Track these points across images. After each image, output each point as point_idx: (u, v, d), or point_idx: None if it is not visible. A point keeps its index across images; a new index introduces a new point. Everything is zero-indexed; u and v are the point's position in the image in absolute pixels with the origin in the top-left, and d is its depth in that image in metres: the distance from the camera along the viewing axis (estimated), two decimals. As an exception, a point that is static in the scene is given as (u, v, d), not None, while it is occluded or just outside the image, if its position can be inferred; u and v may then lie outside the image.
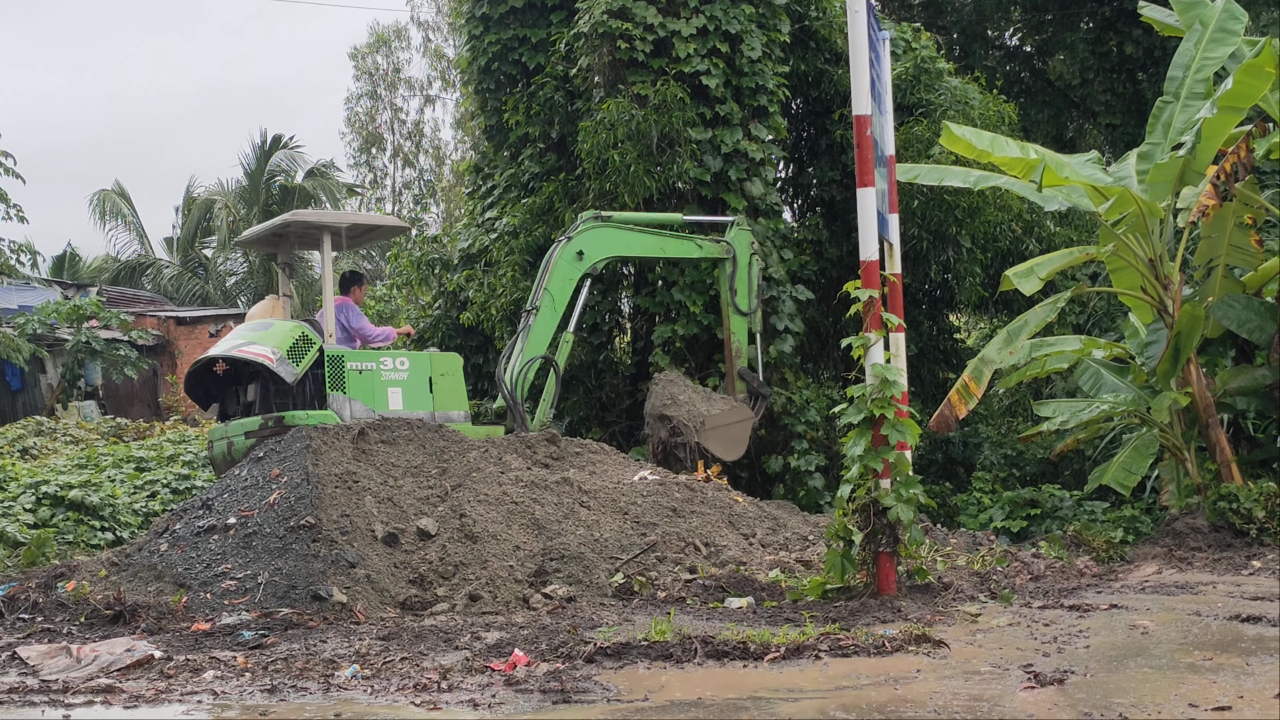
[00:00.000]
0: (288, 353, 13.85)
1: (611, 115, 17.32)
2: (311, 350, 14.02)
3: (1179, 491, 15.14)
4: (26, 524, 15.51)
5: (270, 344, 13.93)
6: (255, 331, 14.40)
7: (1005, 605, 9.95)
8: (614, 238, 16.36)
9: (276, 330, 14.30)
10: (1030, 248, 19.87)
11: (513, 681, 7.32)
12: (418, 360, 14.72)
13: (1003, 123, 20.10)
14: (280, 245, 16.14)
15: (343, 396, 14.00)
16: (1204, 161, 14.06)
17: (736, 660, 7.81)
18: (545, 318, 15.79)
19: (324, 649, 8.56)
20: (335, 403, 13.93)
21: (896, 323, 10.84)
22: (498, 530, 11.34)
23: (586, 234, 16.14)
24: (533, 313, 15.64)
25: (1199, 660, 7.46)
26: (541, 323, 15.77)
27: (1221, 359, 15.91)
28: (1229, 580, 11.28)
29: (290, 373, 13.71)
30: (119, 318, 33.65)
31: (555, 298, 15.75)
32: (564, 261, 15.90)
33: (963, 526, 16.90)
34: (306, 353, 13.96)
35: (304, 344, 13.99)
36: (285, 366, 13.71)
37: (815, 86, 20.55)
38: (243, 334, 14.49)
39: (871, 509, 9.99)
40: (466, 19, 20.91)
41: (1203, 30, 14.95)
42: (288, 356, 13.82)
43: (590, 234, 16.15)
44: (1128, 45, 27.40)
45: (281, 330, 14.26)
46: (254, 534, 11.04)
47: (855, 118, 10.59)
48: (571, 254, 15.94)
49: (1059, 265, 15.24)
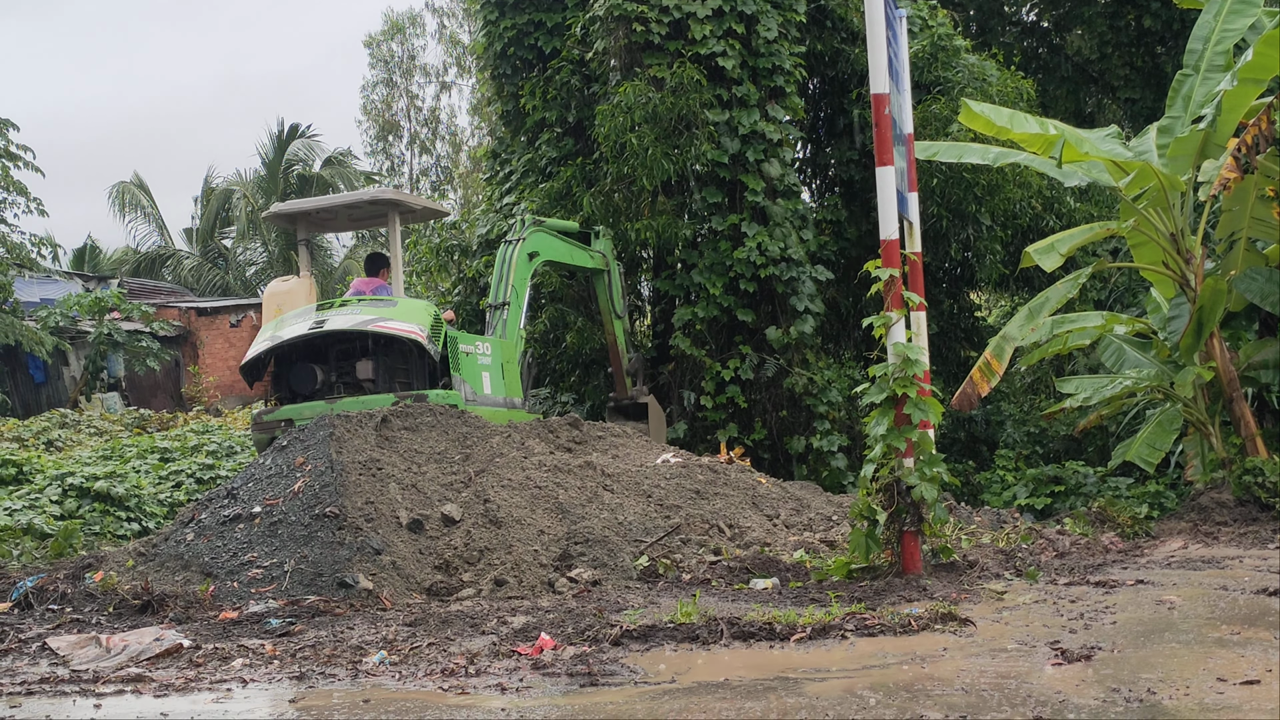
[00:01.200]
0: (431, 330, 13.80)
1: (628, 98, 17.30)
2: (443, 330, 14.06)
3: (1204, 466, 15.08)
4: (53, 516, 15.60)
5: (415, 320, 13.82)
6: (382, 307, 14.18)
7: (1031, 582, 9.93)
8: (550, 243, 16.80)
9: (411, 307, 14.24)
10: (1050, 224, 19.80)
11: (540, 665, 7.34)
12: (496, 347, 15.04)
13: (1021, 99, 20.03)
14: (299, 223, 16.11)
15: (459, 378, 14.05)
16: (1225, 134, 13.97)
17: (763, 641, 7.81)
18: (515, 313, 16.05)
19: (351, 636, 8.59)
20: (458, 383, 13.96)
21: (917, 301, 10.80)
22: (522, 515, 11.36)
23: (534, 237, 16.52)
24: (505, 308, 15.81)
25: (1226, 635, 7.44)
26: (514, 317, 16.03)
27: (1245, 333, 15.84)
28: (1255, 554, 11.23)
29: (437, 351, 13.72)
30: (140, 309, 33.82)
31: (519, 293, 16.01)
32: (520, 261, 16.22)
33: (986, 504, 16.88)
34: (440, 332, 13.98)
35: (439, 324, 14.05)
36: (433, 344, 13.69)
37: (832, 66, 20.50)
38: (364, 309, 14.20)
39: (895, 488, 9.97)
40: (481, 4, 20.92)
41: (1222, 2, 14.86)
42: (431, 334, 13.77)
43: (537, 237, 16.55)
44: (1146, 19, 27.21)
45: (417, 308, 14.24)
46: (279, 522, 11.06)
47: (873, 96, 10.55)
48: (525, 255, 16.31)
49: (1080, 241, 15.16)
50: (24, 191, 30.61)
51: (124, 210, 46.83)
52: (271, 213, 16.31)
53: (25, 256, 31.74)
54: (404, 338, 13.73)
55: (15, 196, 30.44)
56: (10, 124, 30.53)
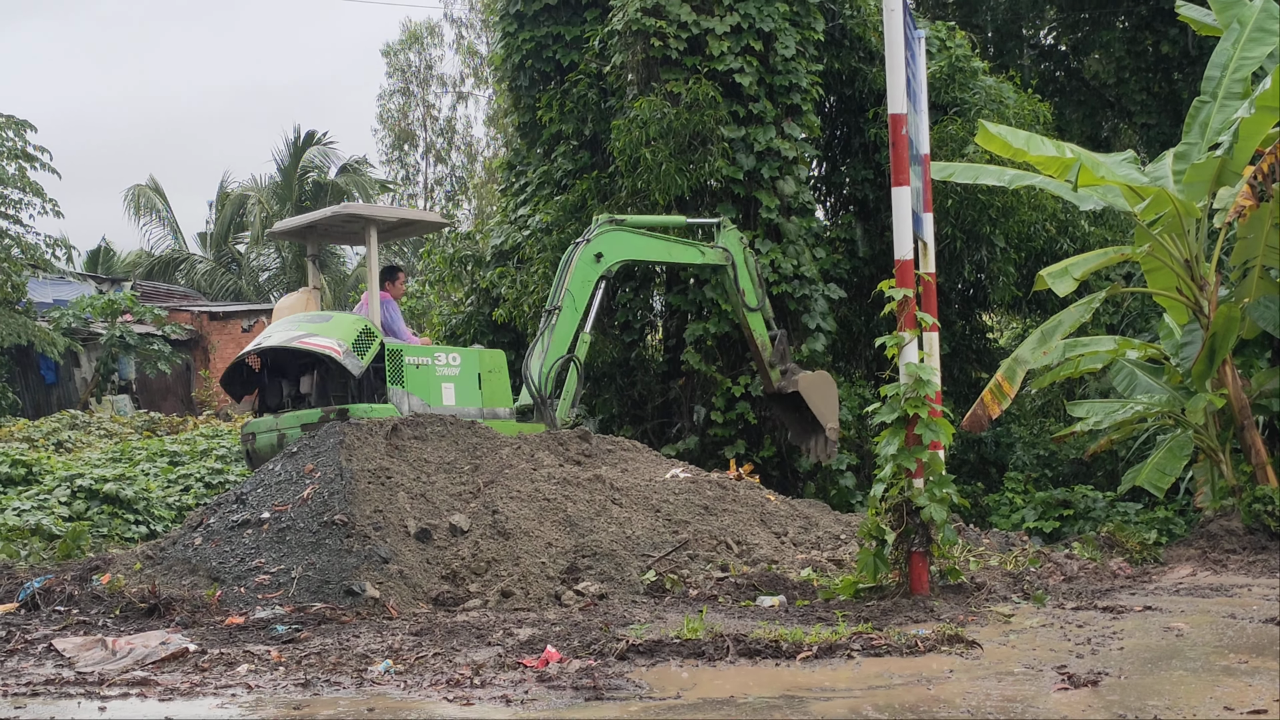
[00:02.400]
0: (353, 345, 13.77)
1: (644, 113, 17.33)
2: (374, 343, 13.95)
3: (1213, 493, 15.05)
4: (62, 517, 15.63)
5: (335, 336, 13.84)
6: (315, 323, 14.28)
7: (1038, 606, 9.91)
8: (627, 241, 16.30)
9: (339, 322, 14.23)
10: (1064, 247, 19.80)
11: (545, 678, 7.34)
12: (468, 356, 14.85)
13: (1037, 122, 20.03)
14: (311, 237, 16.11)
15: (401, 391, 14.02)
16: (1241, 161, 13.97)
17: (769, 659, 7.80)
18: (567, 317, 15.78)
19: (357, 644, 8.60)
20: (395, 397, 13.94)
21: (930, 322, 10.80)
22: (530, 527, 11.36)
23: (603, 237, 16.08)
24: (555, 313, 15.63)
25: (1234, 663, 7.42)
26: (564, 322, 15.77)
27: (1257, 360, 15.80)
28: (1264, 583, 11.20)
29: (356, 365, 13.63)
30: (152, 312, 33.88)
31: (576, 298, 15.74)
32: (583, 263, 15.84)
33: (995, 527, 16.85)
34: (370, 346, 13.89)
35: (367, 337, 13.95)
36: (351, 359, 13.64)
37: (849, 85, 20.51)
38: (300, 325, 14.34)
39: (904, 508, 9.96)
40: (500, 16, 20.97)
41: (1240, 30, 14.87)
42: (353, 349, 13.75)
43: (607, 237, 16.10)
44: (1164, 44, 27.25)
45: (345, 322, 14.20)
46: (288, 529, 11.08)
47: (890, 116, 10.56)
48: (590, 256, 15.85)
49: (1094, 265, 15.16)
50: (40, 193, 30.69)
51: (139, 213, 46.95)
52: (270, 232, 16.89)
53: (40, 257, 31.82)
54: (319, 353, 13.76)
55: (31, 198, 30.52)
56: (28, 125, 30.63)
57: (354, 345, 13.73)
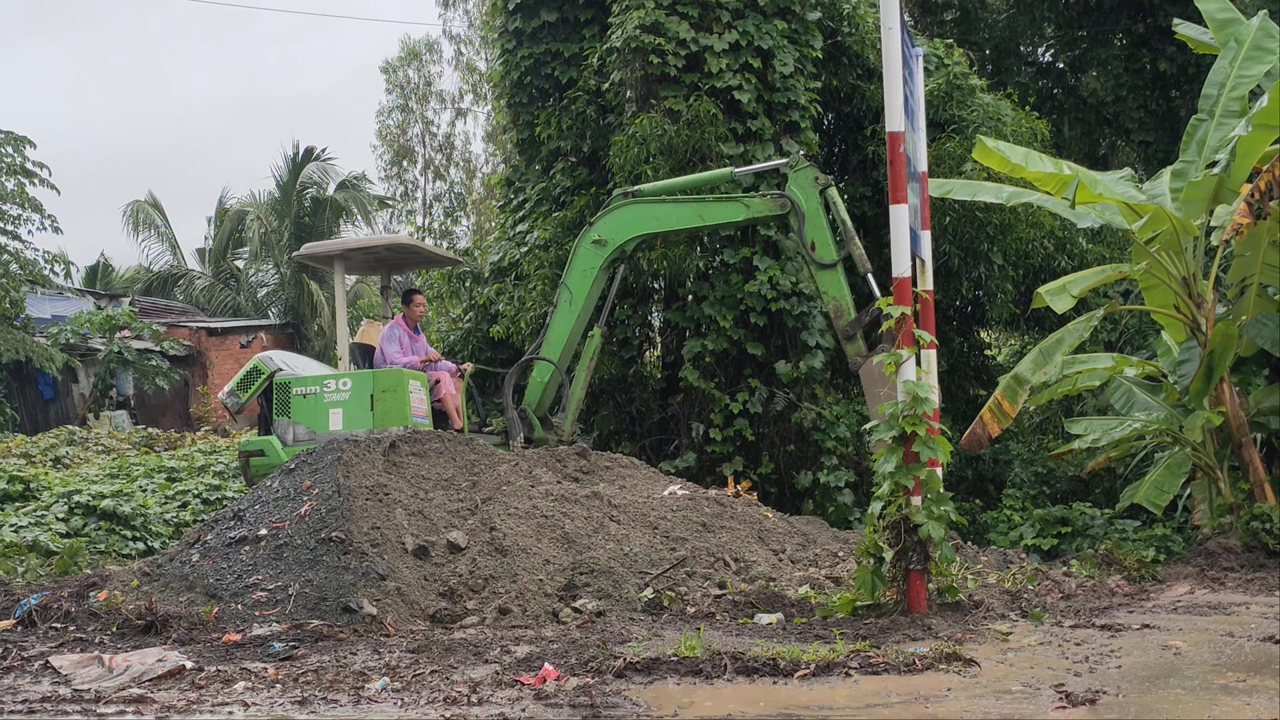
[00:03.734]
0: (237, 385, 15.36)
1: (643, 130, 17.35)
2: (259, 380, 15.21)
3: (1211, 511, 15.03)
4: (59, 533, 15.62)
5: (234, 376, 15.56)
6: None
7: (1036, 624, 9.90)
8: (639, 215, 15.58)
9: (250, 363, 15.61)
10: (1062, 264, 19.80)
11: (542, 696, 7.33)
12: (360, 379, 15.09)
13: (1035, 139, 20.05)
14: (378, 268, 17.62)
15: (286, 421, 14.92)
16: (1238, 179, 13.99)
17: (766, 677, 7.79)
18: (562, 314, 15.47)
19: (354, 661, 8.59)
20: (279, 427, 14.97)
21: (928, 339, 10.80)
22: (527, 544, 11.35)
23: (606, 218, 15.65)
24: (549, 312, 15.44)
25: (1232, 682, 7.41)
26: (559, 319, 15.44)
27: (1255, 378, 15.80)
28: (1262, 601, 11.19)
29: (235, 403, 15.25)
30: (151, 328, 33.89)
31: (574, 291, 15.40)
32: (583, 251, 15.50)
33: (993, 544, 16.81)
34: (253, 384, 15.25)
35: (253, 376, 15.31)
36: (231, 398, 15.31)
37: (847, 102, 20.54)
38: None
39: (902, 526, 9.95)
40: (499, 33, 20.99)
41: (1238, 48, 14.89)
42: (236, 389, 15.34)
43: (611, 217, 15.63)
44: (1161, 62, 27.29)
45: (248, 364, 15.58)
46: (285, 545, 11.07)
47: (888, 134, 10.58)
48: (589, 242, 15.51)
49: (1092, 283, 15.16)
50: (39, 208, 30.74)
51: (137, 229, 46.94)
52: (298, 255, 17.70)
53: (38, 273, 31.85)
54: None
55: (30, 213, 30.56)
56: (28, 141, 30.69)
57: (238, 385, 15.40)
